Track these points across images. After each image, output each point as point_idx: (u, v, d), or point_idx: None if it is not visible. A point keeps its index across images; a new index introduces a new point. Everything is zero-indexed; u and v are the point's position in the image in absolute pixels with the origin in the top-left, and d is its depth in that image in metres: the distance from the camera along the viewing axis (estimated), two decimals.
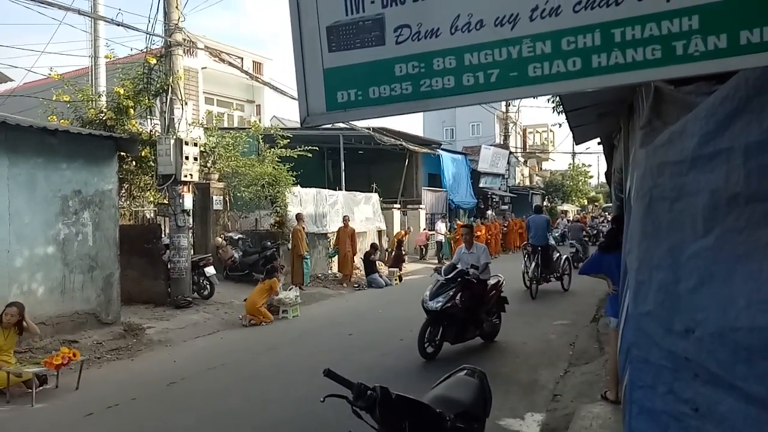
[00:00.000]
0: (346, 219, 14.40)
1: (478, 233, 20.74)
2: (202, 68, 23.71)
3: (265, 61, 27.69)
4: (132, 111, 10.54)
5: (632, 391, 1.97)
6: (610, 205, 48.51)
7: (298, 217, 13.14)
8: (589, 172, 52.13)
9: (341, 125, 17.06)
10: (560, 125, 13.29)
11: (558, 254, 12.62)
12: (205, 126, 14.93)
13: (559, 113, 9.39)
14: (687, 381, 1.58)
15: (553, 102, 9.46)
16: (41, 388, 5.79)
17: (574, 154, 49.09)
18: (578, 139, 6.06)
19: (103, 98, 11.13)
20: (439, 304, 6.90)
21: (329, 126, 19.18)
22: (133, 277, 10.34)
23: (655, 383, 1.76)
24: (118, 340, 7.90)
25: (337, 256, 14.50)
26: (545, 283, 12.05)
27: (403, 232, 17.79)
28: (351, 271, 14.10)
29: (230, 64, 17.48)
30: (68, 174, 7.57)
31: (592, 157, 71.86)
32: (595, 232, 25.25)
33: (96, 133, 8.22)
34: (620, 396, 4.53)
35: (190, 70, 23.31)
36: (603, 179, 67.47)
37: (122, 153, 9.55)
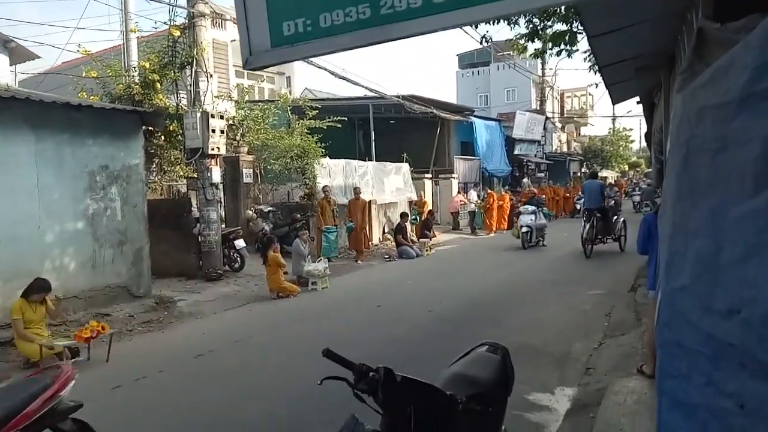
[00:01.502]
0: (357, 191, 13.77)
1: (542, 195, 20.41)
2: (232, 41, 23.55)
3: None
4: (159, 85, 10.52)
5: (663, 381, 1.71)
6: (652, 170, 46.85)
7: (324, 189, 12.94)
8: (630, 136, 50.22)
9: (370, 93, 16.76)
10: (597, 85, 12.58)
11: (615, 217, 13.42)
12: (235, 99, 14.89)
13: (596, 72, 8.83)
14: (731, 371, 1.33)
15: (590, 60, 8.89)
16: (73, 360, 5.89)
17: (614, 117, 47.29)
18: (615, 99, 5.64)
19: (132, 73, 11.13)
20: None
21: (359, 95, 18.99)
22: (165, 250, 10.47)
23: (690, 372, 1.50)
24: (150, 312, 8.02)
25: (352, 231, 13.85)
26: (602, 244, 13.00)
27: (423, 201, 17.38)
28: (363, 247, 13.39)
29: None
30: (95, 149, 7.61)
31: (634, 121, 69.26)
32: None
33: (120, 108, 8.21)
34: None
35: (220, 43, 23.29)
36: (644, 143, 64.98)
37: (149, 127, 9.57)
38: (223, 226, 12.37)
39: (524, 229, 14.14)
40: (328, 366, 2.10)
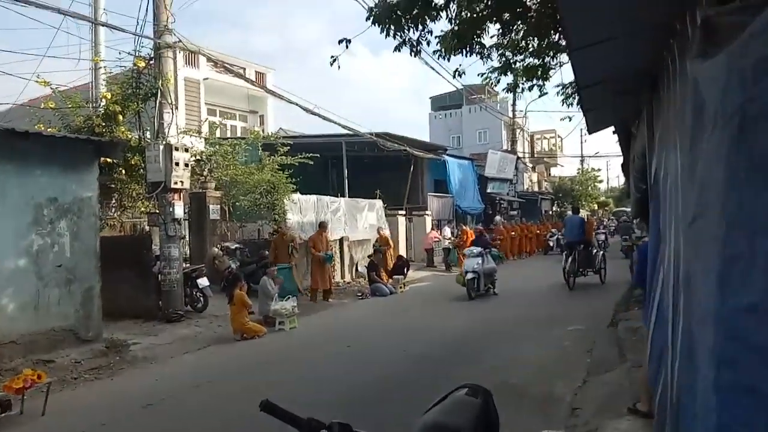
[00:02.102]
0: (322, 225, 12.93)
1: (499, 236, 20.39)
2: (204, 79, 23.43)
3: (267, 71, 27.37)
4: (121, 117, 10.09)
5: None
6: (622, 209, 47.75)
7: (279, 225, 12.60)
8: (598, 176, 51.42)
9: (343, 131, 16.61)
10: (570, 118, 12.83)
11: (595, 250, 13.67)
12: (205, 137, 14.54)
13: (569, 105, 8.82)
14: None
15: (563, 93, 8.89)
16: (4, 414, 5.24)
17: (582, 158, 48.42)
18: (592, 128, 5.48)
19: (93, 105, 10.70)
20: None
21: (332, 132, 18.85)
22: (122, 290, 9.80)
23: None
24: (99, 358, 7.35)
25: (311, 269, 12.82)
26: (583, 277, 13.14)
27: (384, 236, 15.53)
28: (327, 285, 12.28)
29: (231, 72, 17.17)
30: (43, 181, 7.08)
31: (601, 162, 71.01)
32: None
33: (71, 136, 7.75)
34: (653, 409, 3.90)
35: (192, 81, 23.10)
36: (612, 183, 66.17)
37: (107, 159, 9.10)
38: (187, 264, 11.79)
39: (469, 276, 11.67)
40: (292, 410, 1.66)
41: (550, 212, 36.85)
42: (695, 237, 1.45)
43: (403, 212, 19.55)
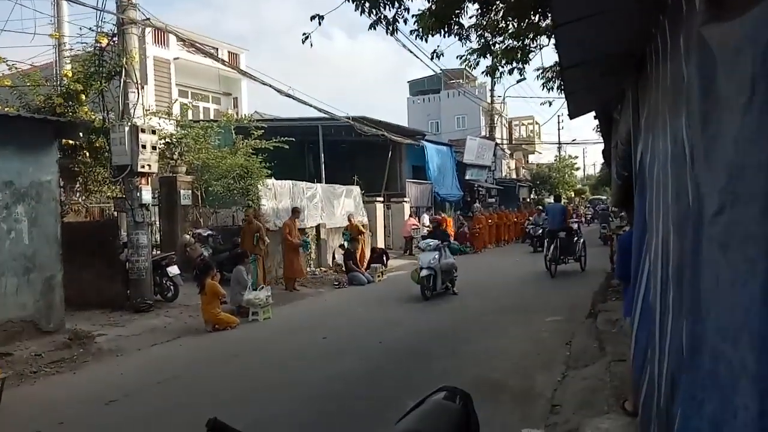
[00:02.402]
0: (295, 211, 12.64)
1: (478, 225, 20.43)
2: (175, 59, 22.69)
3: (241, 51, 26.67)
4: (83, 96, 9.59)
5: None
6: (598, 197, 48.09)
7: (246, 212, 11.98)
8: (575, 163, 51.85)
9: (319, 114, 16.25)
10: (550, 103, 12.75)
11: (576, 238, 13.58)
12: (176, 119, 14.03)
13: (549, 89, 8.65)
14: None
15: (542, 77, 8.72)
16: None
17: (560, 145, 48.74)
18: (573, 111, 5.31)
19: (53, 83, 10.15)
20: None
21: (308, 116, 18.45)
22: (87, 279, 9.45)
23: None
24: (62, 350, 6.99)
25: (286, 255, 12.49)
26: (564, 264, 13.14)
27: (354, 225, 14.59)
28: (297, 274, 12.10)
29: (203, 51, 16.61)
30: None
31: (578, 150, 71.76)
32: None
33: (26, 116, 7.30)
34: (638, 407, 3.78)
35: (162, 60, 22.35)
36: (589, 171, 66.85)
37: (68, 141, 8.65)
38: (158, 251, 11.41)
39: (424, 273, 10.11)
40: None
41: (528, 199, 37.03)
42: (721, 232, 1.24)
43: (381, 199, 19.32)
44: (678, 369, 2.35)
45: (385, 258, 14.68)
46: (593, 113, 6.74)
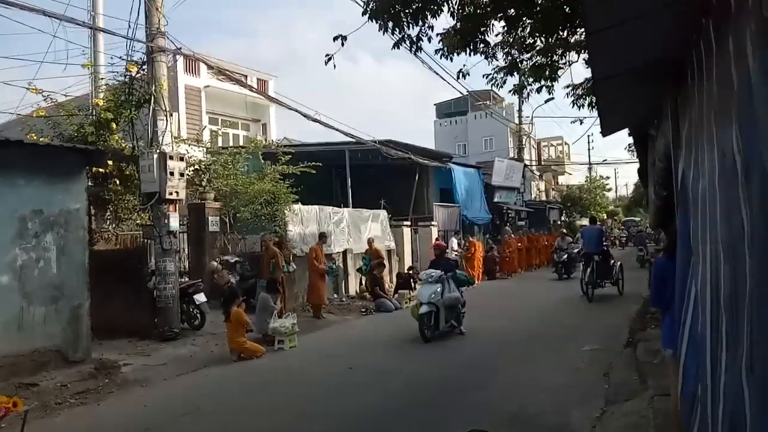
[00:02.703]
0: (322, 236, 12.49)
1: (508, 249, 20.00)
2: (205, 87, 23.23)
3: (270, 78, 27.16)
4: (114, 125, 9.78)
5: None
6: (632, 218, 46.80)
7: (264, 238, 11.82)
8: (607, 184, 50.75)
9: (346, 138, 16.27)
10: (581, 121, 12.44)
11: (613, 261, 13.47)
12: (204, 144, 14.23)
13: (579, 107, 8.40)
14: None
15: (572, 95, 8.48)
16: None
17: (590, 165, 47.85)
18: (606, 128, 5.06)
19: (85, 112, 10.39)
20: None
21: (334, 140, 18.51)
22: (115, 307, 9.46)
23: None
24: (87, 381, 6.94)
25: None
26: (601, 288, 12.94)
27: (374, 248, 14.36)
28: (321, 301, 11.83)
29: (232, 78, 16.92)
30: (27, 192, 6.74)
31: (610, 170, 70.33)
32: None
33: (56, 145, 7.42)
34: None
35: (192, 89, 22.91)
36: (621, 192, 65.43)
37: (99, 169, 8.79)
38: (186, 278, 11.42)
39: (424, 309, 8.77)
40: None
41: (559, 222, 36.23)
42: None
43: (408, 223, 19.11)
44: (737, 413, 2.07)
45: (413, 283, 14.42)
46: (626, 131, 6.47)
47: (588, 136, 56.37)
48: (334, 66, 6.58)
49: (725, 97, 2.19)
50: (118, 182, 10.19)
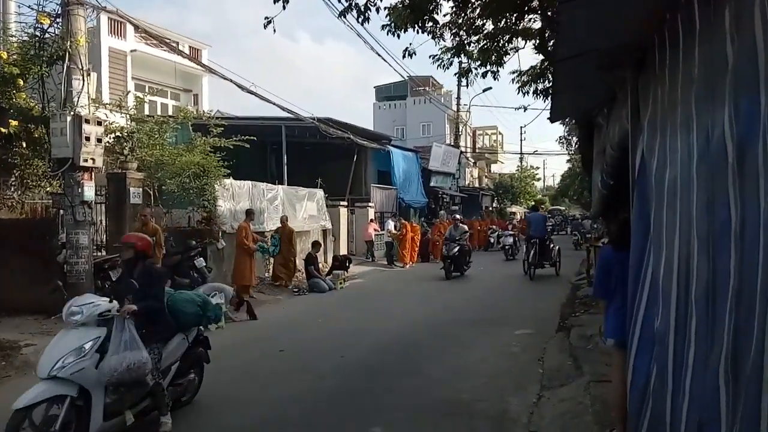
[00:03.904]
0: (249, 213, 11.88)
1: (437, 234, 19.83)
2: (132, 51, 21.62)
3: (204, 47, 25.73)
4: (21, 81, 8.71)
5: None
6: (557, 207, 48.89)
7: (142, 212, 10.56)
8: (536, 174, 52.72)
9: (283, 113, 15.64)
10: (525, 108, 12.61)
11: (552, 245, 14.65)
12: (130, 113, 13.13)
13: (524, 93, 8.34)
14: None
15: (518, 81, 8.42)
16: None
17: (522, 155, 49.35)
18: (556, 115, 4.97)
19: None
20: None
21: (271, 115, 17.77)
22: (19, 282, 8.60)
23: None
24: None
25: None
26: (541, 268, 14.15)
27: (289, 228, 13.13)
28: (248, 282, 11.09)
29: (163, 43, 15.75)
30: None
31: (539, 161, 73.01)
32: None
33: None
34: None
35: (118, 52, 21.24)
36: (548, 182, 68.16)
37: (2, 129, 7.81)
38: (102, 253, 10.55)
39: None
40: None
41: (491, 208, 37.21)
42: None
43: (345, 203, 18.79)
44: (708, 413, 1.94)
45: (347, 263, 14.17)
46: (560, 123, 6.46)
47: (521, 127, 58.02)
48: (274, 30, 6.11)
49: (713, 75, 2.02)
50: (25, 145, 9.15)
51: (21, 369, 6.29)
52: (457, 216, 18.19)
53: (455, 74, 8.15)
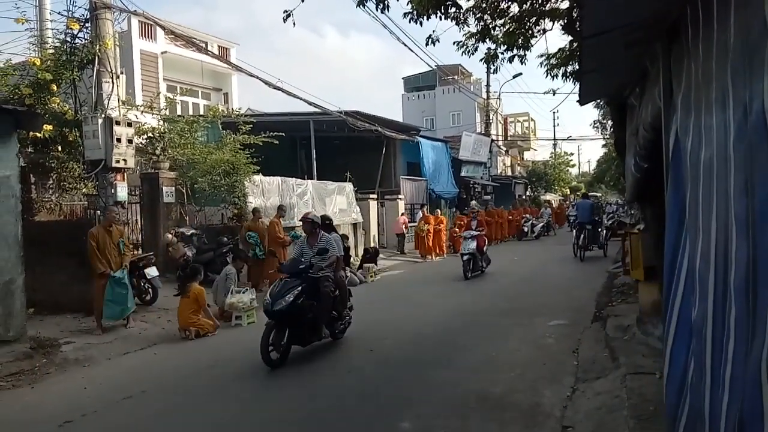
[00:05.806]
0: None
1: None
2: (162, 53, 22.03)
3: (232, 46, 26.02)
4: (54, 87, 8.95)
5: None
6: (594, 194, 47.77)
7: (108, 211, 10.43)
8: (571, 160, 51.43)
9: (311, 108, 15.66)
10: (554, 92, 12.27)
11: (600, 228, 16.28)
12: (158, 111, 13.37)
13: (553, 77, 8.07)
14: None
15: (546, 64, 8.14)
16: None
17: (555, 142, 48.28)
18: (585, 96, 4.75)
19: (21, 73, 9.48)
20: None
21: (299, 110, 17.83)
22: (60, 281, 8.87)
23: None
24: (21, 361, 6.39)
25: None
26: (590, 251, 15.56)
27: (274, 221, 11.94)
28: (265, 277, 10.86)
29: (192, 43, 15.94)
30: None
31: (574, 146, 71.25)
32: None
33: None
34: None
35: (149, 54, 21.67)
36: (584, 168, 66.45)
37: (36, 134, 8.04)
38: (137, 251, 10.79)
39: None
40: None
41: (524, 197, 36.50)
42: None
43: (375, 196, 18.74)
44: (750, 410, 1.79)
45: (377, 257, 14.14)
46: (593, 107, 6.21)
47: (554, 113, 56.71)
48: (294, 24, 6.05)
49: (750, 45, 1.84)
50: (60, 149, 9.41)
51: (61, 366, 6.47)
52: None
53: (480, 60, 7.93)
